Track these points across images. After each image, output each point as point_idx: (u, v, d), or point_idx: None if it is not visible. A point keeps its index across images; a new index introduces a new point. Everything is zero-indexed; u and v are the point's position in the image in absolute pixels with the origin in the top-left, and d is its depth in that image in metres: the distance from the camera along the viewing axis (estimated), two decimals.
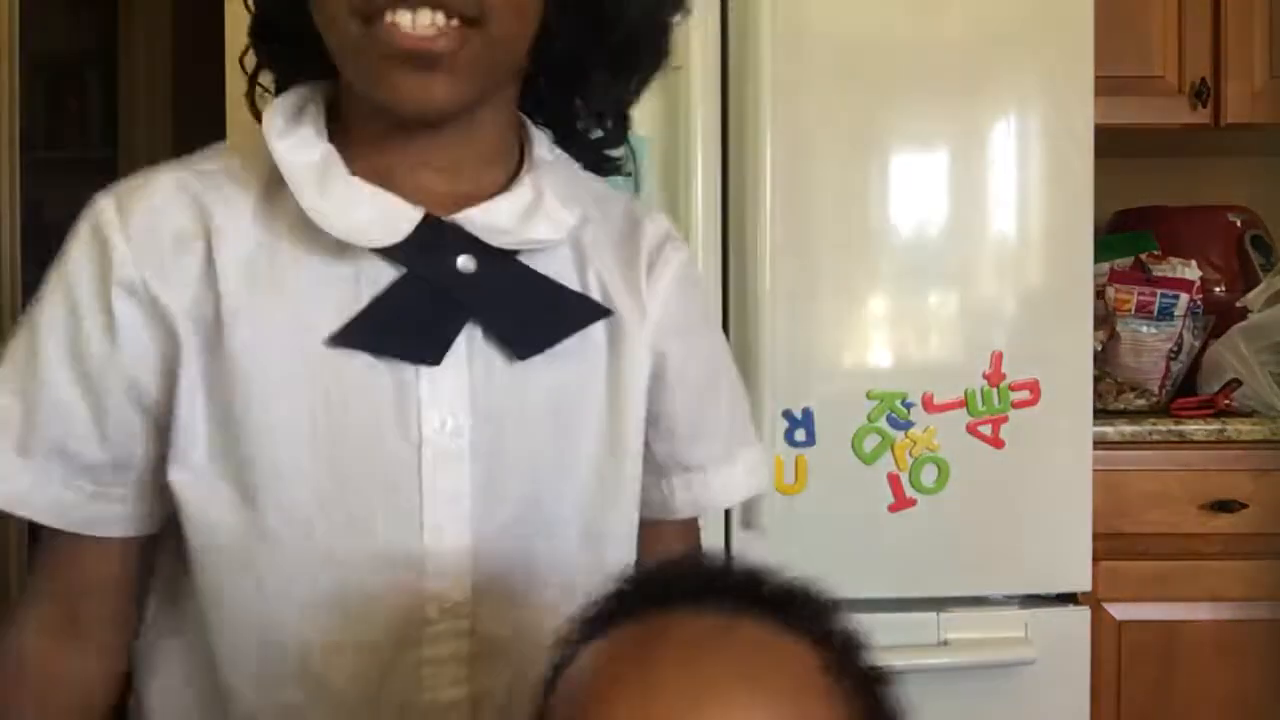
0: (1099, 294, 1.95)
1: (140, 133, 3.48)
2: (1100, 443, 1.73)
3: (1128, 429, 1.87)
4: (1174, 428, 1.88)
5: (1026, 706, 1.62)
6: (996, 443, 1.64)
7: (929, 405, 1.63)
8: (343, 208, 0.67)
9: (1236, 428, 1.88)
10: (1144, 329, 2.01)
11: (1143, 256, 2.08)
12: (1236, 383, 1.95)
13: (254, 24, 0.76)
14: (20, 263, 2.48)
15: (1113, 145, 1.76)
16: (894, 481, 1.63)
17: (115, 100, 3.56)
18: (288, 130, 0.69)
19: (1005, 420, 1.63)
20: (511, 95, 0.74)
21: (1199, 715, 1.85)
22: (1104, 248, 2.00)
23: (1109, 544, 1.78)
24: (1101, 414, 1.87)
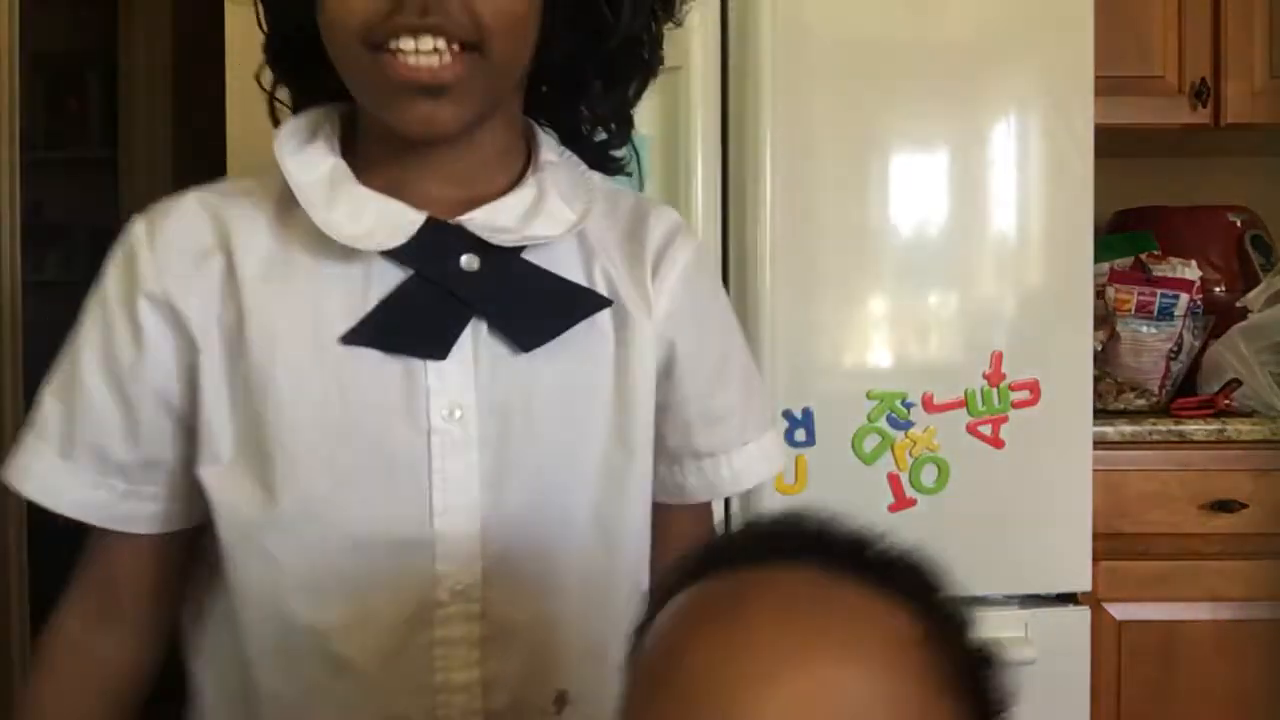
0: (1099, 294, 1.95)
1: (140, 133, 3.48)
2: (1100, 443, 1.73)
3: (1128, 429, 1.87)
4: (1174, 428, 1.88)
5: (1026, 707, 1.62)
6: (996, 443, 1.64)
7: (929, 405, 1.63)
8: (349, 216, 0.72)
9: (1236, 428, 1.88)
10: (1144, 329, 2.01)
11: (1143, 256, 2.08)
12: (1236, 383, 1.95)
13: (268, 46, 0.80)
14: (20, 263, 2.48)
15: (1113, 145, 1.76)
16: (894, 481, 1.63)
17: (115, 100, 3.56)
18: (299, 148, 0.74)
19: (1005, 420, 1.63)
20: (516, 103, 0.78)
21: (1199, 715, 1.85)
22: (1104, 248, 2.00)
23: (1109, 544, 1.78)
24: (1101, 414, 1.87)
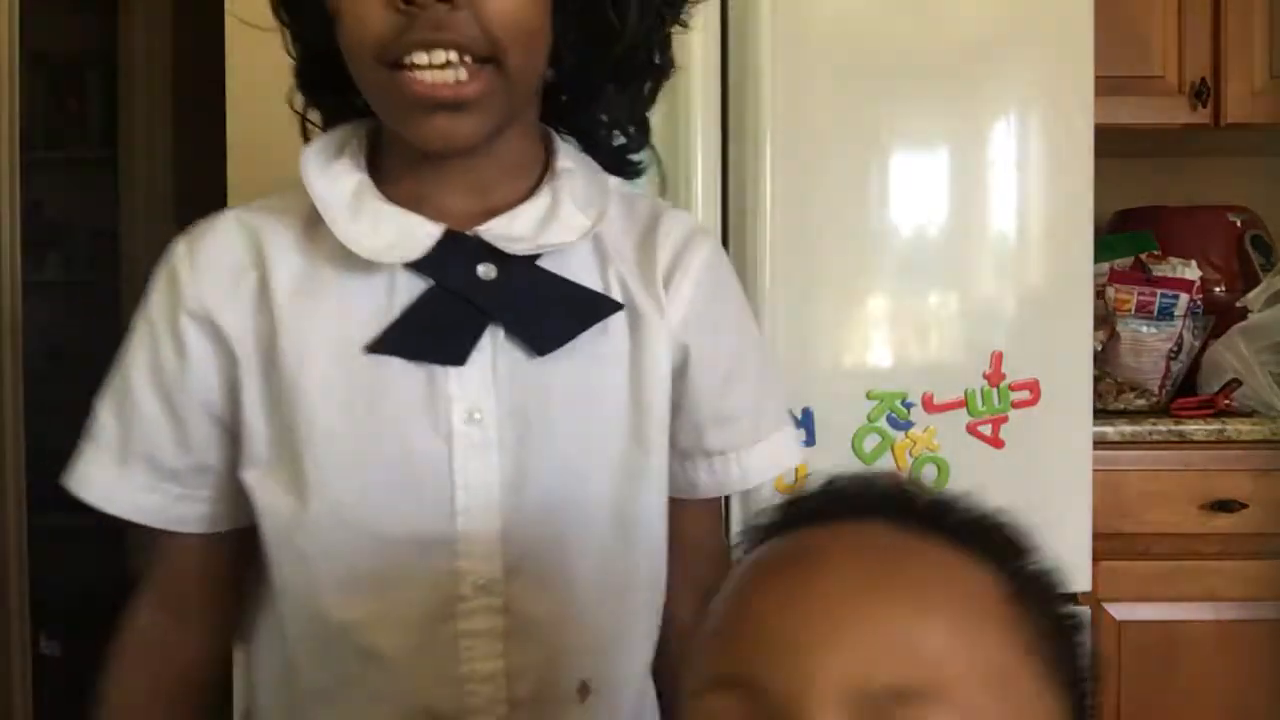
0: (1099, 294, 1.95)
1: (140, 133, 3.48)
2: (1100, 443, 1.73)
3: (1128, 429, 1.87)
4: (1174, 428, 1.88)
5: None
6: (996, 443, 1.64)
7: (929, 405, 1.63)
8: (371, 230, 0.75)
9: (1236, 428, 1.88)
10: (1144, 329, 2.01)
11: (1143, 256, 2.08)
12: (1236, 383, 1.95)
13: (296, 71, 0.84)
14: (20, 263, 2.48)
15: (1113, 145, 1.76)
16: None
17: (115, 100, 3.56)
18: (326, 166, 0.78)
19: (1005, 420, 1.63)
20: (533, 113, 0.81)
21: (1199, 715, 1.85)
22: (1104, 248, 2.00)
23: (1109, 544, 1.77)
24: (1101, 414, 1.87)
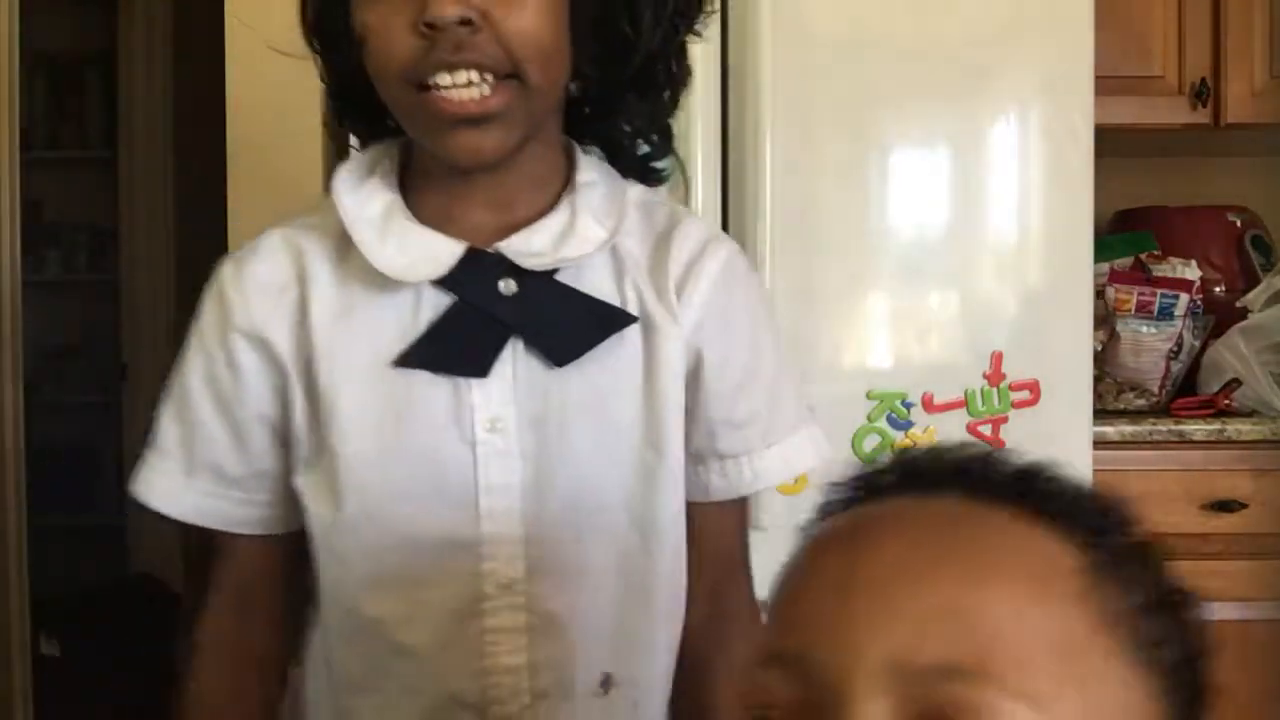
0: (1099, 294, 1.95)
1: (140, 133, 3.48)
2: (1100, 443, 1.73)
3: (1128, 429, 1.87)
4: (1174, 428, 1.88)
5: None
6: (996, 443, 1.64)
7: (929, 405, 1.63)
8: (397, 250, 0.79)
9: (1236, 428, 1.88)
10: (1144, 329, 2.01)
11: (1143, 256, 2.08)
12: (1236, 383, 1.95)
13: (330, 95, 0.87)
14: (20, 263, 2.48)
15: (1113, 145, 1.76)
16: None
17: (115, 100, 3.56)
18: (358, 185, 0.82)
19: (1005, 420, 1.63)
20: (555, 126, 0.84)
21: None
22: (1104, 248, 2.00)
23: None
24: (1101, 414, 1.87)
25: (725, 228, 1.62)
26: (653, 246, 0.85)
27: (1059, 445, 1.65)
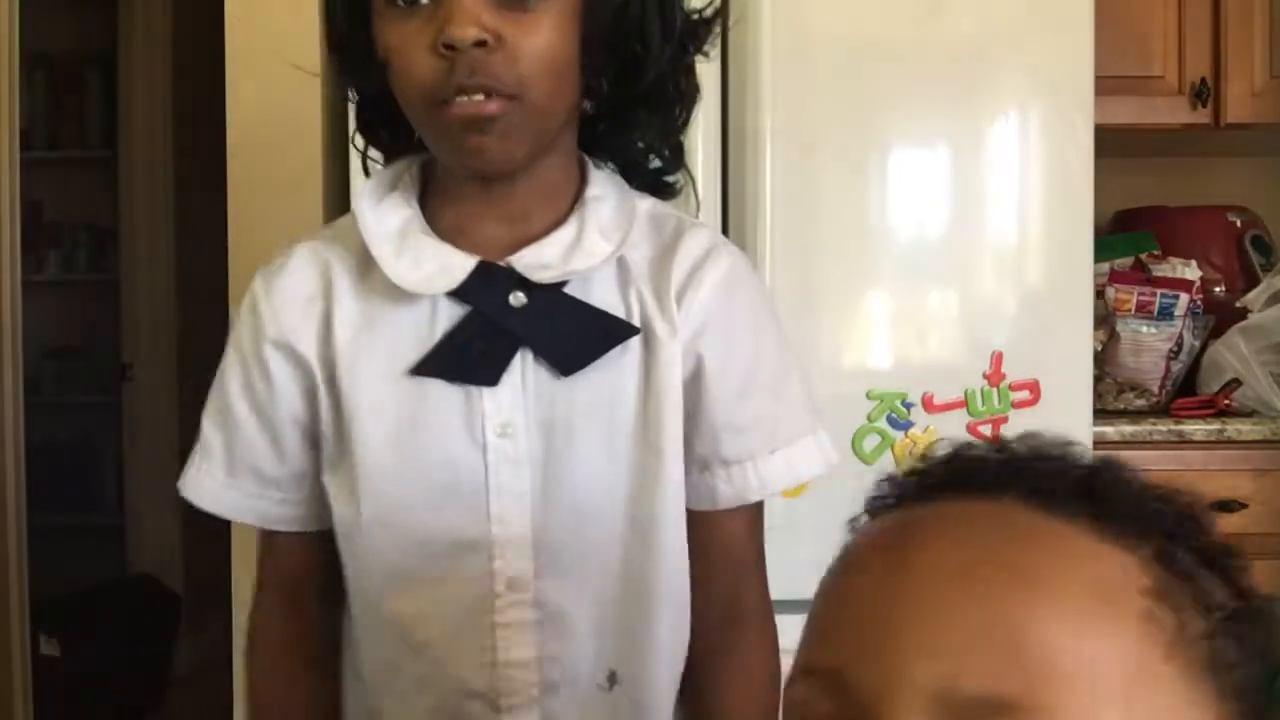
0: (1099, 294, 1.95)
1: (140, 133, 3.48)
2: (1100, 443, 1.73)
3: (1128, 429, 1.87)
4: (1174, 428, 1.88)
5: None
6: (997, 443, 1.63)
7: (929, 405, 1.63)
8: (413, 263, 0.84)
9: (1236, 428, 1.88)
10: (1144, 329, 2.01)
11: (1143, 256, 2.08)
12: (1236, 383, 1.95)
13: (357, 116, 0.92)
14: (20, 263, 2.48)
15: (1113, 145, 1.76)
16: None
17: (115, 100, 3.56)
18: (379, 201, 0.86)
19: (1005, 420, 1.63)
20: (569, 142, 0.87)
21: None
22: (1104, 248, 2.00)
23: None
24: (1101, 414, 1.87)
25: (725, 228, 1.62)
26: (658, 256, 0.88)
27: None
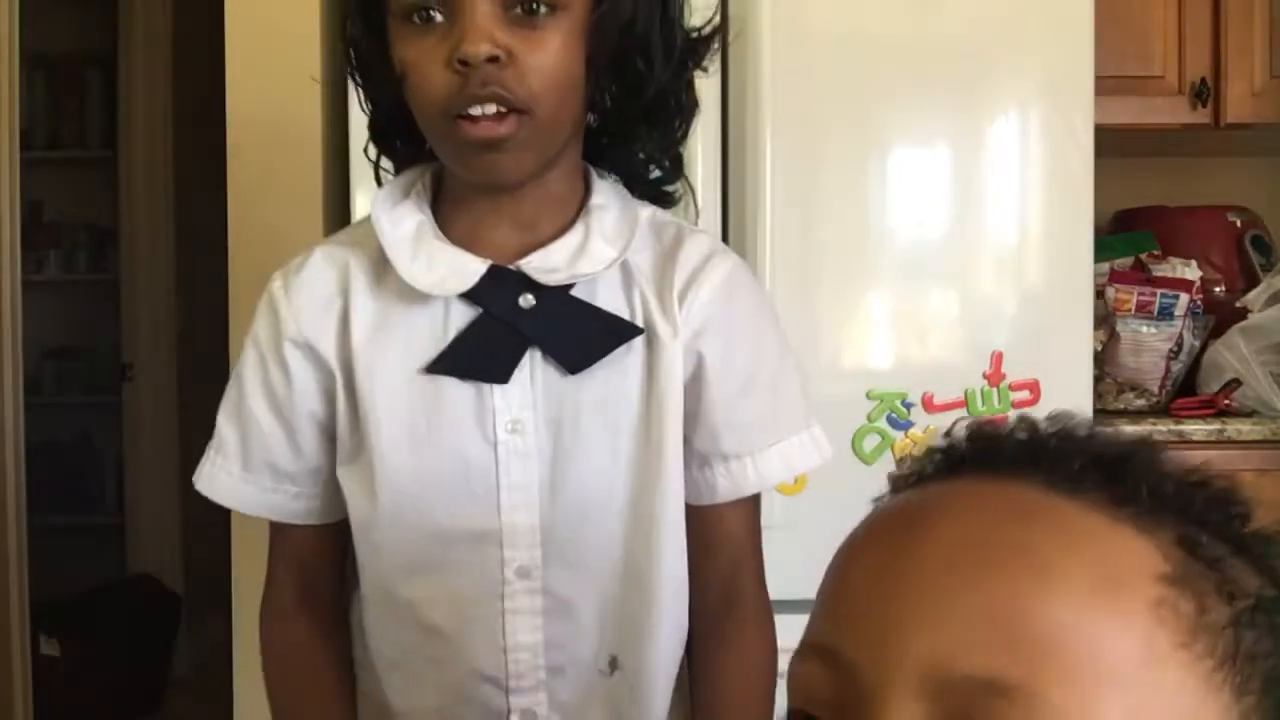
0: (1099, 294, 1.95)
1: (140, 133, 3.48)
2: None
3: (1128, 429, 1.86)
4: (1174, 428, 1.88)
5: None
6: None
7: (929, 405, 1.63)
8: (426, 266, 0.87)
9: (1236, 428, 1.88)
10: (1144, 329, 2.01)
11: (1143, 256, 2.08)
12: (1236, 383, 1.95)
13: (371, 127, 0.95)
14: (20, 263, 2.48)
15: (1113, 145, 1.76)
16: None
17: (115, 100, 3.56)
18: (393, 207, 0.90)
19: (1005, 420, 1.63)
20: (574, 153, 0.91)
21: None
22: (1104, 248, 2.00)
23: None
24: (1101, 414, 1.87)
25: (725, 228, 1.62)
26: (660, 262, 0.92)
27: None
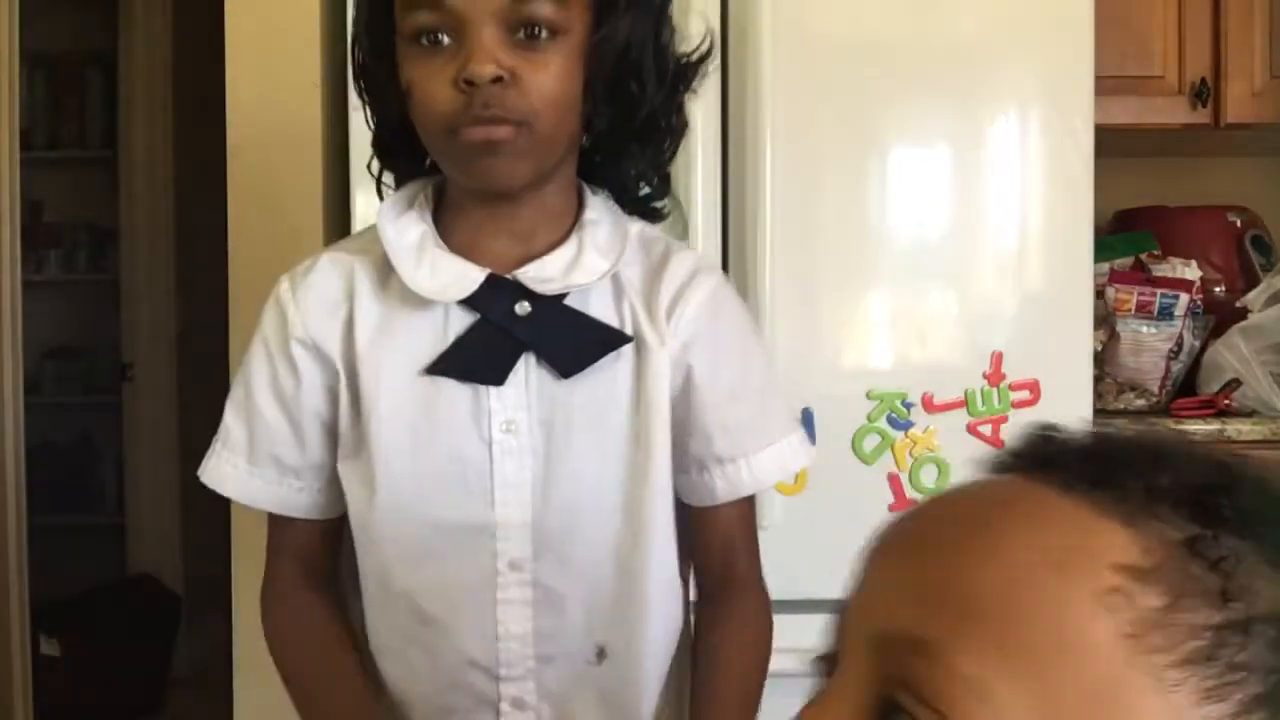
0: (1099, 294, 1.95)
1: (140, 133, 3.48)
2: None
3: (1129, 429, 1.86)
4: (1174, 428, 1.88)
5: None
6: (996, 443, 1.64)
7: (929, 405, 1.63)
8: (429, 274, 0.92)
9: (1236, 428, 1.88)
10: (1144, 329, 2.01)
11: (1143, 256, 2.08)
12: (1236, 383, 1.95)
13: (375, 141, 0.99)
14: (20, 263, 2.48)
15: (1113, 145, 1.76)
16: (894, 481, 1.63)
17: (115, 100, 3.56)
18: (398, 217, 0.94)
19: (1005, 420, 1.63)
20: (569, 169, 0.96)
21: None
22: (1104, 248, 2.00)
23: None
24: (1101, 414, 1.87)
25: (725, 229, 1.62)
26: (649, 275, 0.97)
27: None
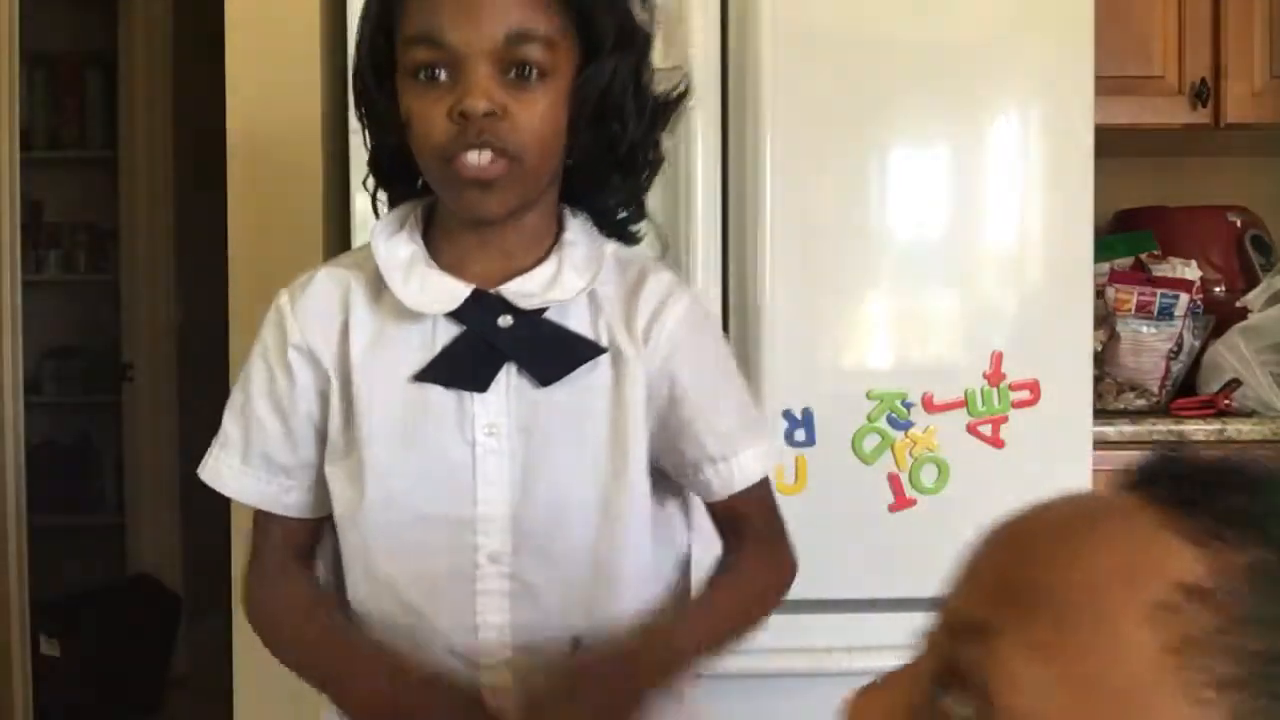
0: (1099, 294, 1.95)
1: (140, 133, 3.48)
2: (1100, 443, 1.72)
3: (1128, 429, 1.87)
4: (1174, 428, 1.88)
5: None
6: (996, 443, 1.64)
7: (929, 405, 1.63)
8: (419, 289, 0.99)
9: (1236, 428, 1.88)
10: (1144, 329, 2.01)
11: (1143, 256, 2.08)
12: (1236, 383, 1.95)
13: (372, 164, 1.06)
14: (20, 263, 2.48)
15: (1113, 145, 1.76)
16: (894, 481, 1.63)
17: (115, 100, 3.56)
18: (391, 236, 1.02)
19: (1005, 420, 1.63)
20: (552, 195, 1.03)
21: None
22: (1104, 248, 2.00)
23: None
24: (1101, 414, 1.87)
25: (725, 229, 1.62)
26: (625, 294, 1.04)
27: (1059, 445, 1.65)
